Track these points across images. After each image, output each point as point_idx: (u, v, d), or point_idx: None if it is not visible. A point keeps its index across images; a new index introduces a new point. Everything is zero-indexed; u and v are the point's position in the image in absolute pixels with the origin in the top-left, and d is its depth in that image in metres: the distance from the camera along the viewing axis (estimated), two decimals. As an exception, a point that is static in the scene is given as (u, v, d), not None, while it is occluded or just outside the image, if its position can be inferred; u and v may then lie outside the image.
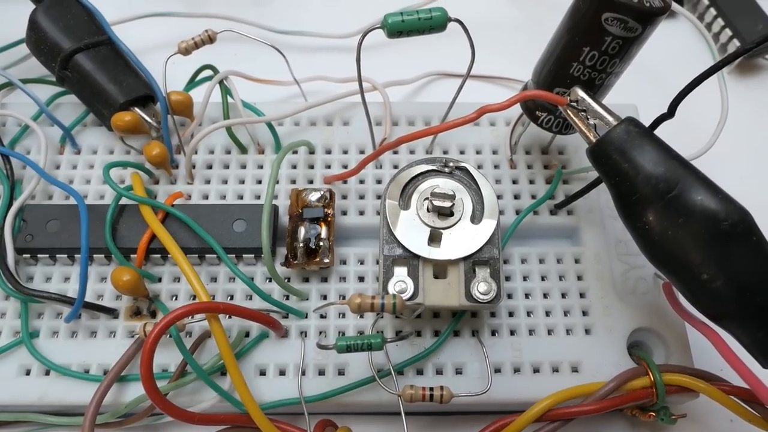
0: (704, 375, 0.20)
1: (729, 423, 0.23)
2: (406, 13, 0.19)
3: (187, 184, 0.25)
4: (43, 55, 0.24)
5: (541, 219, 0.24)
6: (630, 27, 0.19)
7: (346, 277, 0.23)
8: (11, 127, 0.26)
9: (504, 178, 0.25)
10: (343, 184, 0.25)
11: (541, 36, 0.22)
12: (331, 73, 0.29)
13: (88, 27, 0.24)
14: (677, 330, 0.22)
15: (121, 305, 0.22)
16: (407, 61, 0.30)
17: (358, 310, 0.18)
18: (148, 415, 0.21)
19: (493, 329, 0.22)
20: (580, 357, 0.22)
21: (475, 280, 0.20)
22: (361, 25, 0.30)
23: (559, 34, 0.20)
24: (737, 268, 0.17)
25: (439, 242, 0.21)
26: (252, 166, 0.25)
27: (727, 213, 0.17)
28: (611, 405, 0.20)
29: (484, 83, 0.31)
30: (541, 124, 0.23)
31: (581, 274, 0.23)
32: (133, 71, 0.25)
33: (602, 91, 0.21)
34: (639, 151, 0.18)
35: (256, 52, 0.27)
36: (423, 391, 0.19)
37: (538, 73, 0.22)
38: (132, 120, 0.23)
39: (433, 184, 0.21)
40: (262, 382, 0.21)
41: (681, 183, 0.18)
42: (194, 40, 0.23)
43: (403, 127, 0.26)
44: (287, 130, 0.26)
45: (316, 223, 0.22)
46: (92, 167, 0.25)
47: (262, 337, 0.22)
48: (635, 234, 0.19)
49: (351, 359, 0.21)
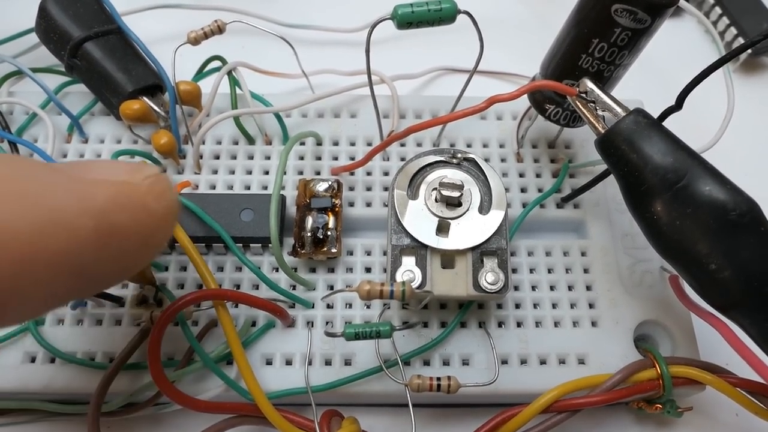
0: (711, 367, 0.20)
1: (735, 417, 0.23)
2: (416, 5, 0.19)
3: (195, 174, 0.25)
4: (52, 43, 0.25)
5: (548, 212, 0.24)
6: (639, 18, 0.19)
7: (353, 268, 0.23)
8: (19, 115, 0.26)
9: (511, 172, 0.25)
10: (351, 176, 0.25)
11: (548, 32, 0.22)
12: (338, 66, 0.29)
13: (98, 16, 0.24)
14: (683, 323, 0.22)
15: (127, 293, 0.22)
16: (414, 56, 0.30)
17: (367, 297, 0.18)
18: (153, 403, 0.21)
19: (500, 321, 0.22)
20: (587, 349, 0.22)
21: (482, 271, 0.20)
22: (368, 19, 0.30)
23: (568, 25, 0.20)
24: (745, 258, 0.17)
25: (447, 232, 0.21)
26: (259, 157, 0.25)
27: (735, 203, 0.17)
28: (618, 397, 0.20)
29: (490, 78, 0.31)
30: (549, 116, 0.23)
31: (588, 267, 0.23)
32: (142, 60, 0.25)
33: (611, 83, 0.21)
34: (647, 142, 0.18)
35: (264, 45, 0.27)
36: (430, 381, 0.19)
37: (546, 65, 0.22)
38: (140, 109, 0.23)
39: (442, 174, 0.21)
40: (269, 372, 0.21)
41: (689, 174, 0.18)
42: (203, 30, 0.23)
43: (410, 120, 0.26)
44: (295, 121, 0.26)
45: (324, 213, 0.22)
46: (100, 156, 0.25)
47: (269, 326, 0.22)
48: (643, 225, 0.19)
49: (358, 349, 0.21)
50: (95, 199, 0.13)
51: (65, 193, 0.12)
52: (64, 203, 0.12)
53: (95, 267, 0.13)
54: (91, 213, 0.12)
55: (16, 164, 0.13)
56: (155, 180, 0.14)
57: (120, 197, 0.13)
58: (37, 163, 0.13)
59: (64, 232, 0.12)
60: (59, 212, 0.12)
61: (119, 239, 0.13)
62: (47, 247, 0.12)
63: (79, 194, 0.13)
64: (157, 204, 0.14)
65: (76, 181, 0.13)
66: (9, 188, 0.12)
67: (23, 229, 0.11)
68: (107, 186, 0.13)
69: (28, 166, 0.13)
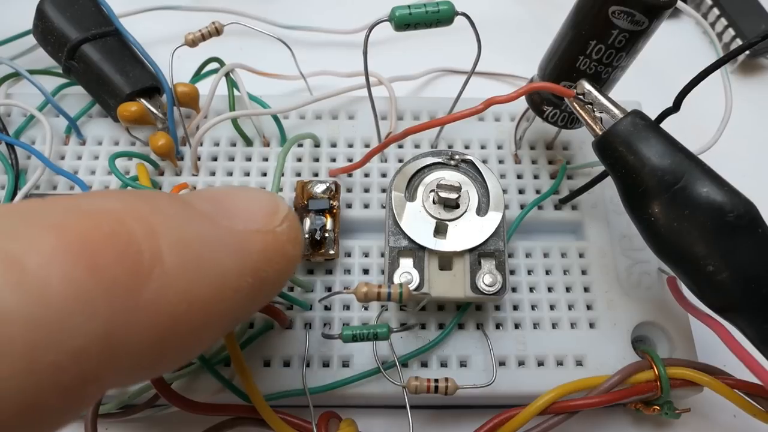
0: (708, 369, 0.20)
1: (732, 418, 0.23)
2: (413, 6, 0.19)
3: (192, 176, 0.25)
4: (49, 45, 0.25)
5: (546, 214, 0.24)
6: (637, 20, 0.19)
7: (351, 270, 0.23)
8: (16, 117, 0.26)
9: (508, 173, 0.25)
10: (348, 177, 0.25)
11: (545, 34, 0.22)
12: (336, 68, 0.29)
13: (96, 17, 0.24)
14: (681, 324, 0.22)
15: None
16: (412, 58, 0.30)
17: (365, 299, 0.18)
18: (151, 405, 0.21)
19: (498, 322, 0.22)
20: (585, 351, 0.22)
21: (480, 272, 0.20)
22: (366, 21, 0.30)
23: (566, 27, 0.21)
24: (743, 259, 0.17)
25: (444, 234, 0.21)
26: (257, 159, 0.25)
27: (732, 205, 0.17)
28: (616, 398, 0.20)
29: (488, 80, 0.31)
30: (546, 118, 0.23)
31: (585, 269, 0.23)
32: (140, 62, 0.25)
33: (608, 84, 0.21)
34: (645, 144, 0.18)
35: (262, 47, 0.27)
36: (428, 382, 0.19)
37: (543, 67, 0.22)
38: (138, 110, 0.23)
39: (439, 176, 0.21)
40: (266, 373, 0.21)
41: (687, 175, 0.18)
42: (201, 32, 0.23)
43: (408, 122, 0.26)
44: (293, 123, 0.26)
45: (322, 214, 0.22)
46: (97, 158, 0.25)
47: (267, 328, 0.22)
48: (641, 226, 0.19)
49: (355, 351, 0.21)
50: (251, 257, 0.13)
51: (227, 253, 0.13)
52: (228, 265, 0.12)
53: (243, 317, 0.14)
54: (249, 271, 0.13)
55: (183, 218, 0.12)
56: (291, 225, 0.14)
57: (268, 251, 0.13)
58: (197, 214, 0.13)
59: (232, 294, 0.12)
60: (226, 276, 0.12)
61: (266, 289, 0.14)
62: (218, 311, 0.12)
63: (237, 253, 0.13)
64: (295, 251, 0.14)
65: (229, 233, 0.13)
66: (190, 256, 0.12)
67: (202, 297, 0.12)
68: (257, 239, 0.13)
69: (191, 218, 0.13)
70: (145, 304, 0.11)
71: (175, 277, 0.11)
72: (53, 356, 0.09)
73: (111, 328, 0.10)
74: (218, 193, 0.14)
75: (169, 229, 0.11)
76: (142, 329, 0.11)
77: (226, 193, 0.14)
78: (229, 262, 0.12)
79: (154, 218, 0.11)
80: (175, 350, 0.12)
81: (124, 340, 0.10)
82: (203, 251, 0.12)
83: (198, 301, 0.12)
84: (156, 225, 0.11)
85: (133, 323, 0.10)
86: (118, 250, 0.10)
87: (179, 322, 0.11)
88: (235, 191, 0.15)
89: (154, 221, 0.11)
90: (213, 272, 0.12)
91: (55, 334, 0.09)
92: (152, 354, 0.11)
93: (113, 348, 0.10)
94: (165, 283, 0.11)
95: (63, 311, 0.09)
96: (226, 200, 0.14)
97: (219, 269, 0.12)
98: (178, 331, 0.11)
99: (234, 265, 0.13)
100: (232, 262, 0.12)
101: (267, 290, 0.14)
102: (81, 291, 0.10)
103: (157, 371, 0.12)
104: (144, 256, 0.11)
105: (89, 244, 0.10)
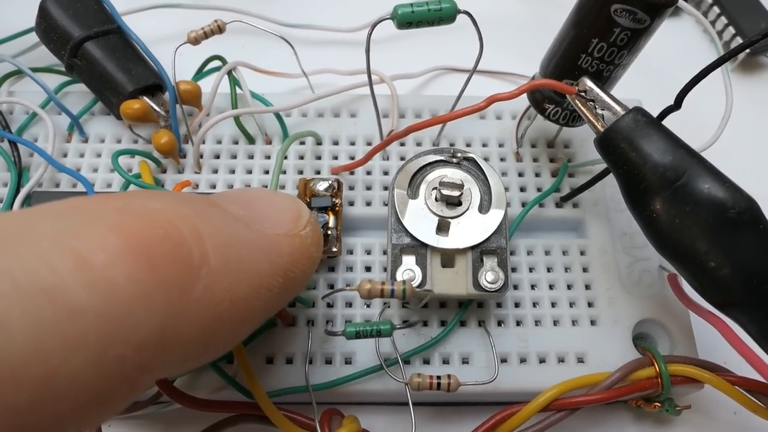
0: (709, 366, 0.20)
1: (733, 415, 0.23)
2: (415, 5, 0.19)
3: (195, 173, 0.25)
4: (52, 43, 0.25)
5: (547, 211, 0.24)
6: (639, 18, 0.19)
7: (353, 267, 0.23)
8: (19, 114, 0.26)
9: (510, 171, 0.25)
10: (351, 175, 0.25)
11: (547, 33, 0.22)
12: (338, 66, 0.29)
13: (98, 15, 0.24)
14: (682, 322, 0.22)
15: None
16: (414, 56, 0.30)
17: (368, 296, 0.18)
18: (154, 402, 0.21)
19: (500, 320, 0.22)
20: (586, 348, 0.22)
21: (482, 270, 0.20)
22: (368, 19, 0.30)
23: (568, 25, 0.21)
24: (744, 256, 0.17)
25: (447, 231, 0.21)
26: (259, 156, 0.25)
27: (734, 201, 0.17)
28: (616, 395, 0.20)
29: (490, 78, 0.31)
30: (548, 116, 0.23)
31: (587, 266, 0.23)
32: (142, 60, 0.25)
33: (610, 83, 0.21)
34: (647, 140, 0.18)
35: (264, 45, 0.27)
36: (430, 379, 0.19)
37: (545, 65, 0.22)
38: (141, 108, 0.23)
39: (442, 173, 0.21)
40: (269, 370, 0.21)
41: (688, 172, 0.18)
42: (203, 30, 0.23)
43: (410, 120, 0.26)
44: (295, 121, 0.26)
45: (324, 212, 0.22)
46: (100, 156, 0.25)
47: (270, 325, 0.22)
48: (642, 223, 0.19)
49: (358, 348, 0.21)
50: (282, 258, 0.14)
51: (260, 255, 0.13)
52: (262, 267, 0.13)
53: (271, 313, 0.15)
54: (280, 272, 0.14)
55: (222, 221, 0.13)
56: (314, 229, 0.15)
57: (296, 254, 0.14)
58: (232, 218, 0.14)
59: (266, 293, 0.13)
60: (262, 276, 0.13)
61: (293, 288, 0.15)
62: (254, 307, 0.13)
63: (269, 255, 0.14)
64: (317, 253, 0.16)
65: (261, 237, 0.14)
66: (232, 257, 0.12)
67: (242, 295, 0.13)
68: (286, 242, 0.14)
69: (228, 222, 0.13)
70: (194, 301, 0.11)
71: (220, 276, 0.12)
72: (120, 348, 0.10)
73: (166, 323, 0.11)
74: (245, 196, 0.15)
75: (212, 231, 0.12)
76: (192, 324, 0.12)
77: (253, 196, 0.15)
78: (264, 263, 0.13)
79: (197, 221, 0.12)
80: (218, 343, 0.13)
81: (176, 333, 0.11)
82: (242, 253, 0.13)
83: (238, 298, 0.12)
84: (200, 227, 0.12)
85: (185, 318, 0.11)
86: (173, 251, 0.11)
87: (222, 317, 0.12)
88: (260, 195, 0.16)
89: (197, 224, 0.12)
90: (251, 272, 0.13)
91: (121, 328, 0.10)
92: (198, 347, 0.12)
93: (167, 341, 0.11)
94: (211, 282, 0.12)
95: (128, 307, 0.10)
96: (254, 204, 0.15)
97: (256, 270, 0.13)
98: (221, 326, 0.12)
99: (268, 266, 0.14)
100: (267, 263, 0.14)
101: (293, 289, 0.15)
102: (142, 288, 0.11)
103: (199, 362, 0.13)
104: (194, 257, 0.12)
105: (148, 244, 0.11)
